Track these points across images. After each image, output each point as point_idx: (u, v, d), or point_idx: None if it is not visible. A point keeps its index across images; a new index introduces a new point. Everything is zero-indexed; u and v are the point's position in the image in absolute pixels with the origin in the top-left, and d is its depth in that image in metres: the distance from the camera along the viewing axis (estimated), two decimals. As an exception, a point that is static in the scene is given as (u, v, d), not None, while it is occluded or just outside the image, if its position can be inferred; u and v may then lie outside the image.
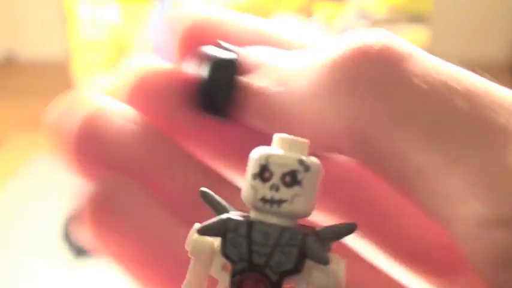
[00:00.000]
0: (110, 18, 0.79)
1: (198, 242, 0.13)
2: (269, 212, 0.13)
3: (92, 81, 0.81)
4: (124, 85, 0.14)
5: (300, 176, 0.13)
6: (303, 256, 0.13)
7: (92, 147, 0.14)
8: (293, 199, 0.13)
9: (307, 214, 0.13)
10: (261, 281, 0.13)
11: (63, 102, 0.14)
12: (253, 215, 0.13)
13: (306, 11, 0.82)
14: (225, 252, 0.13)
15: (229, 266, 0.13)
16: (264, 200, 0.13)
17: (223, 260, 0.13)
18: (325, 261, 0.13)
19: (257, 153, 0.13)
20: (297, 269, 0.13)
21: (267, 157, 0.13)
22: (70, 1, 0.77)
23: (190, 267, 0.14)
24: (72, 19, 0.78)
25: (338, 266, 0.13)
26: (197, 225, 0.13)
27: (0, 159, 0.89)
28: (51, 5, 0.97)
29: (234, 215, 0.14)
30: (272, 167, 0.13)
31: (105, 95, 0.14)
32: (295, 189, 0.13)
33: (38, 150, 0.84)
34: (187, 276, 0.14)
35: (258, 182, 0.13)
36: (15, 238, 0.76)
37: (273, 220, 0.13)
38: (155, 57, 0.16)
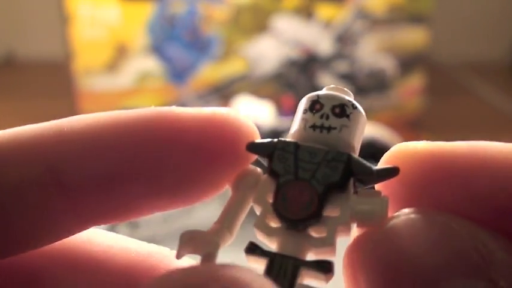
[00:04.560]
0: (110, 18, 0.79)
1: (243, 173, 0.14)
2: (318, 138, 0.14)
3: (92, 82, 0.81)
4: None
5: (348, 110, 0.14)
6: (348, 172, 0.13)
7: None
8: (341, 128, 0.14)
9: (351, 148, 0.14)
10: (307, 188, 0.13)
11: None
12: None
13: (306, 11, 0.82)
14: (271, 167, 0.14)
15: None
16: (314, 126, 0.14)
17: (267, 189, 0.14)
18: (371, 172, 0.13)
19: (308, 94, 0.14)
20: (342, 182, 0.13)
21: (318, 94, 0.14)
22: (70, 1, 0.77)
23: (231, 197, 0.14)
24: (72, 19, 0.78)
25: (382, 198, 0.13)
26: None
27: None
28: (51, 5, 0.97)
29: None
30: (323, 100, 0.14)
31: None
32: (344, 120, 0.14)
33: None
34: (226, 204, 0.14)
35: (308, 114, 0.14)
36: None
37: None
38: (155, 57, 0.16)
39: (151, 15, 0.80)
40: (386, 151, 0.14)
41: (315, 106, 0.14)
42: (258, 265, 0.13)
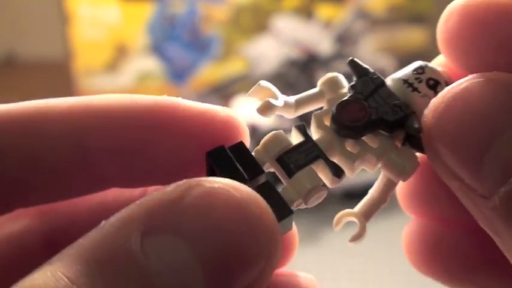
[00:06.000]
0: (109, 18, 0.79)
1: (330, 77, 0.17)
2: (402, 90, 0.16)
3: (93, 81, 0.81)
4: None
5: (438, 88, 0.16)
6: (402, 122, 0.16)
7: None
8: (424, 95, 0.16)
9: (417, 113, 0.16)
10: (365, 110, 0.16)
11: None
12: None
13: (306, 11, 0.82)
14: (354, 84, 0.16)
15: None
16: (405, 80, 0.16)
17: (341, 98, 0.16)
18: (417, 131, 0.15)
19: (421, 61, 0.17)
20: (392, 125, 0.16)
21: (426, 64, 0.17)
22: (70, 1, 0.77)
23: (311, 91, 0.17)
24: (72, 19, 0.78)
25: (415, 161, 0.16)
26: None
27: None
28: (51, 5, 0.97)
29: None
30: (426, 69, 0.17)
31: None
32: (431, 92, 0.16)
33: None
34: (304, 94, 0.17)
35: (410, 72, 0.17)
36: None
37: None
38: (155, 57, 0.17)
39: (151, 15, 0.80)
40: None
41: (418, 69, 0.17)
42: (295, 138, 0.16)
